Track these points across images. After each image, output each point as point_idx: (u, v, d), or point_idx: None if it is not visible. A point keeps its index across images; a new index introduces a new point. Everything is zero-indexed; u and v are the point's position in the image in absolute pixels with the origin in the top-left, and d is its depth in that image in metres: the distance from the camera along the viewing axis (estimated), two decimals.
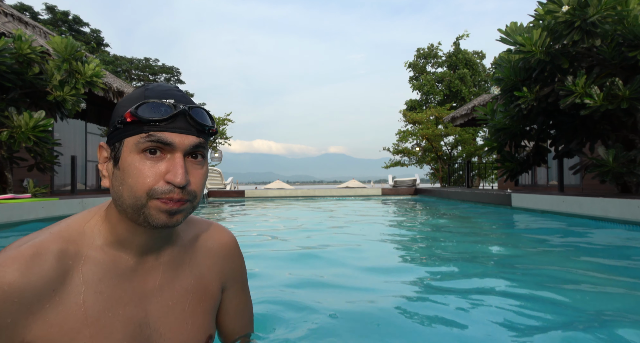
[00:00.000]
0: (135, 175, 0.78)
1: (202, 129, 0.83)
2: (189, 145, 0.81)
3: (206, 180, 0.87)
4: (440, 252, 3.91)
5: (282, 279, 2.88)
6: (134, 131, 0.79)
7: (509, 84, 7.49)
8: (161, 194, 0.78)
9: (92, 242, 0.83)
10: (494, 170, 17.96)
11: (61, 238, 0.80)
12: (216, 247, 1.04)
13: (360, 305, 2.26)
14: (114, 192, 0.81)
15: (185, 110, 0.81)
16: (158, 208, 0.79)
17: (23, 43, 6.58)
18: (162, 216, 0.79)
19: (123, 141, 0.81)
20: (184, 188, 0.79)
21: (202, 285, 0.96)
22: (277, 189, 18.63)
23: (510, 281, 2.79)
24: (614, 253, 3.79)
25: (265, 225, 6.38)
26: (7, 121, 6.24)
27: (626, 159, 6.19)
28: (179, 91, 0.86)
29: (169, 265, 0.91)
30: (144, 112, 0.79)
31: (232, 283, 1.07)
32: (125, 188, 0.79)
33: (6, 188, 6.91)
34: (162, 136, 0.78)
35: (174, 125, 0.80)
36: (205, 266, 0.99)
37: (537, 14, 6.60)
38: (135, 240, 0.85)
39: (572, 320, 1.98)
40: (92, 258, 0.81)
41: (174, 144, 0.79)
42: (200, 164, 0.84)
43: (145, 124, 0.79)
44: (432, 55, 30.38)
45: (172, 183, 0.78)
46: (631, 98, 5.84)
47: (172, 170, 0.78)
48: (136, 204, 0.79)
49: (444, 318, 2.04)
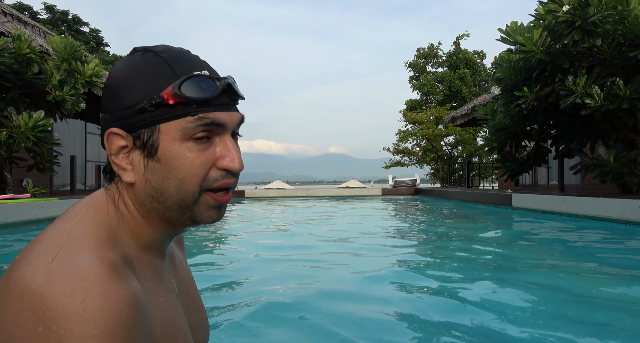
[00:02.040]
0: (188, 166, 0.66)
1: (239, 101, 0.74)
2: (237, 122, 0.71)
3: None
4: (440, 252, 3.90)
5: (282, 279, 2.87)
6: (176, 114, 0.66)
7: (509, 83, 7.48)
8: (214, 182, 0.68)
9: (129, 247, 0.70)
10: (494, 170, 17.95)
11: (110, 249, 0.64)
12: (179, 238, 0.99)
13: (360, 305, 2.25)
14: (152, 188, 0.68)
15: (229, 83, 0.69)
16: (208, 204, 0.70)
17: (22, 43, 6.57)
18: (212, 212, 0.71)
19: (158, 128, 0.67)
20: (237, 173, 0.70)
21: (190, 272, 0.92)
22: (277, 189, 18.63)
23: (510, 281, 2.77)
24: (614, 253, 3.78)
25: (265, 225, 6.36)
26: (7, 121, 6.23)
27: (627, 159, 6.18)
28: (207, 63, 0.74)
29: (171, 261, 0.84)
30: (191, 90, 0.65)
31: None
32: (172, 184, 0.67)
33: (5, 188, 6.90)
34: (215, 117, 0.67)
35: (222, 101, 0.69)
36: (182, 253, 0.94)
37: (537, 13, 6.59)
38: (159, 240, 0.74)
39: (572, 319, 1.96)
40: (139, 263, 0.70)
41: (226, 124, 0.68)
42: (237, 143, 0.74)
43: (191, 105, 0.66)
44: (432, 55, 30.37)
45: (229, 169, 0.68)
46: (632, 98, 5.83)
47: (227, 154, 0.68)
48: (186, 201, 0.68)
49: (444, 318, 2.03)
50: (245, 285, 2.68)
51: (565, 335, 1.78)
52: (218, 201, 0.70)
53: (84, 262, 0.57)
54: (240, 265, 3.37)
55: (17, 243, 4.42)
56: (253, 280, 2.82)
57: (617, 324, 1.92)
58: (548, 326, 1.89)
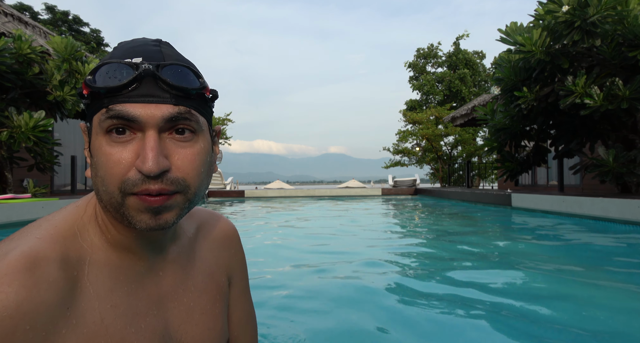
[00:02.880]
0: (104, 164, 0.61)
1: (182, 93, 0.62)
2: (161, 118, 0.60)
3: (206, 163, 0.67)
4: (439, 252, 3.91)
5: (282, 279, 2.88)
6: (96, 106, 0.62)
7: (509, 84, 7.49)
8: (133, 187, 0.60)
9: (90, 244, 0.66)
10: (494, 170, 17.96)
11: (56, 243, 0.62)
12: (220, 237, 0.88)
13: (360, 305, 2.26)
14: (94, 184, 0.64)
15: (149, 70, 0.60)
16: (137, 208, 0.61)
17: (23, 43, 6.58)
18: (144, 217, 0.62)
19: (92, 120, 0.63)
20: (162, 177, 0.60)
21: (213, 283, 0.82)
22: (277, 189, 18.64)
23: (510, 281, 2.79)
24: (614, 253, 3.79)
25: (265, 225, 6.37)
26: (7, 121, 6.24)
27: (626, 159, 6.19)
28: (157, 45, 0.66)
29: (178, 264, 0.76)
30: (99, 79, 0.60)
31: (237, 279, 0.91)
32: (98, 182, 0.62)
33: (6, 188, 6.91)
34: (122, 109, 0.59)
35: (140, 92, 0.60)
36: (212, 260, 0.84)
37: (537, 14, 6.60)
38: (135, 241, 0.69)
39: (572, 319, 1.97)
40: (96, 265, 0.65)
41: (139, 119, 0.59)
42: (188, 141, 0.64)
43: (104, 95, 0.60)
44: (432, 55, 30.38)
45: (141, 171, 0.59)
46: (631, 98, 5.84)
47: (141, 153, 0.60)
48: (111, 202, 0.62)
49: (444, 317, 2.04)
50: None
51: (565, 335, 1.79)
52: (144, 201, 0.61)
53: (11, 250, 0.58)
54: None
55: None
56: (251, 281, 2.83)
57: (617, 324, 1.93)
58: (547, 326, 1.90)
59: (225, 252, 0.88)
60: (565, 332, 1.82)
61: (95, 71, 0.61)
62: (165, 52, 0.65)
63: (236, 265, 0.91)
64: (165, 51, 0.65)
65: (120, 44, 0.66)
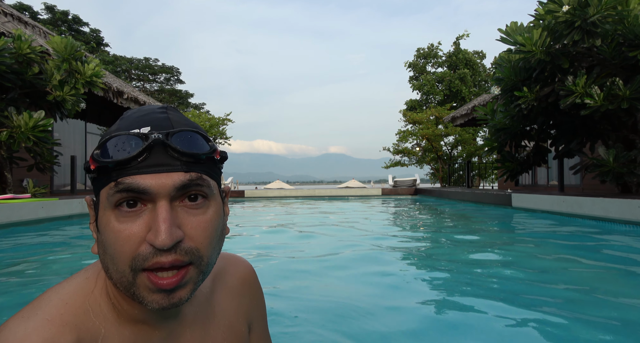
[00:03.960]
0: (113, 241, 0.58)
1: (193, 159, 0.61)
2: (172, 187, 0.59)
3: (218, 229, 0.65)
4: (439, 252, 3.90)
5: (282, 279, 2.87)
6: (105, 180, 0.60)
7: (509, 84, 7.48)
8: (144, 261, 0.58)
9: (103, 319, 0.64)
10: (494, 170, 17.96)
11: (67, 326, 0.59)
12: (238, 284, 0.86)
13: (360, 305, 2.25)
14: (102, 262, 0.63)
15: (159, 139, 0.59)
16: (148, 287, 0.59)
17: (23, 43, 6.58)
18: (157, 297, 0.59)
19: (99, 194, 0.61)
20: (175, 248, 0.58)
21: (233, 336, 0.79)
22: (277, 189, 18.63)
23: (510, 281, 2.78)
24: (614, 253, 3.79)
25: (265, 225, 6.37)
26: (7, 121, 6.24)
27: (626, 159, 6.18)
28: (164, 112, 0.65)
29: (196, 326, 0.74)
30: (107, 152, 0.59)
31: (257, 323, 0.89)
32: (107, 260, 0.60)
33: (6, 188, 6.90)
34: (132, 182, 0.57)
35: (149, 163, 0.59)
36: (231, 310, 0.81)
37: (537, 13, 6.59)
38: (148, 313, 0.66)
39: (572, 319, 1.97)
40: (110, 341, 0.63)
41: (150, 190, 0.58)
42: (200, 208, 0.62)
43: (112, 169, 0.58)
44: (432, 55, 30.39)
45: (153, 245, 0.57)
46: (631, 98, 5.83)
47: (153, 226, 0.58)
48: (122, 281, 0.60)
49: (443, 317, 2.04)
50: None
51: (564, 335, 1.79)
52: (156, 284, 0.58)
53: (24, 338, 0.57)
54: None
55: (18, 243, 4.43)
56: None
57: (616, 324, 1.93)
58: (547, 326, 1.90)
59: (244, 298, 0.86)
60: (565, 331, 1.82)
61: (103, 145, 0.60)
62: (173, 118, 0.64)
63: (255, 310, 0.89)
64: (173, 117, 0.64)
65: (126, 114, 0.65)
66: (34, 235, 4.89)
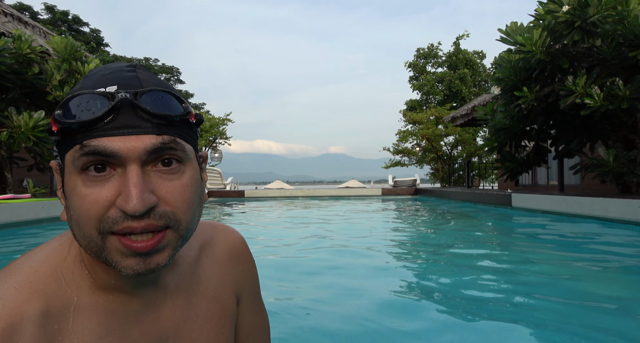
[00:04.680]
0: (79, 204, 0.54)
1: (165, 121, 0.57)
2: (143, 150, 0.55)
3: (196, 194, 0.61)
4: (439, 252, 3.91)
5: (282, 279, 2.87)
6: (69, 143, 0.56)
7: (509, 84, 7.49)
8: (113, 225, 0.54)
9: (76, 288, 0.60)
10: (494, 170, 17.96)
11: (36, 294, 0.56)
12: (225, 254, 0.82)
13: (359, 305, 2.26)
14: (71, 230, 0.59)
15: (127, 99, 0.54)
16: (120, 251, 0.55)
17: (23, 43, 6.58)
18: (131, 262, 0.55)
19: (65, 158, 0.57)
20: (149, 213, 0.54)
21: (219, 306, 0.76)
22: (277, 189, 18.64)
23: (510, 281, 2.78)
24: (614, 253, 3.79)
25: (265, 225, 6.37)
26: (7, 121, 6.24)
27: (626, 159, 6.18)
28: (133, 71, 0.60)
29: (178, 295, 0.70)
30: (69, 112, 0.54)
31: (247, 294, 0.86)
32: (74, 224, 0.56)
33: (6, 188, 6.91)
34: (98, 145, 0.53)
35: (117, 124, 0.54)
36: (217, 281, 0.78)
37: (537, 13, 6.60)
38: (125, 281, 0.63)
39: (572, 319, 1.97)
40: (83, 311, 0.60)
41: (119, 153, 0.54)
42: (175, 173, 0.58)
43: (77, 131, 0.54)
44: (432, 55, 30.40)
45: (124, 211, 0.53)
46: (631, 98, 5.84)
47: (123, 191, 0.54)
48: (91, 246, 0.56)
49: (443, 317, 2.04)
50: None
51: (564, 335, 1.79)
52: (130, 247, 0.54)
53: None
54: None
55: (17, 243, 4.43)
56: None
57: (616, 324, 1.93)
58: (547, 326, 1.90)
59: (233, 268, 0.82)
60: (565, 331, 1.82)
61: (65, 104, 0.55)
62: (142, 77, 0.59)
63: (245, 280, 0.85)
64: (142, 76, 0.60)
65: (91, 72, 0.60)
66: (34, 235, 4.89)
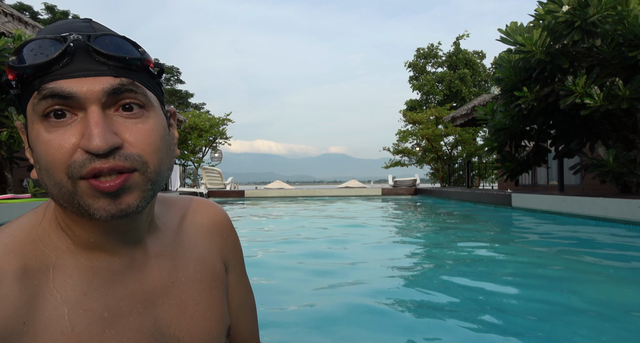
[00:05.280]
0: (44, 151, 0.55)
1: (122, 63, 0.57)
2: (102, 91, 0.55)
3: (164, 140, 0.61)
4: (440, 252, 3.91)
5: (282, 279, 2.88)
6: (27, 93, 0.56)
7: (509, 84, 7.49)
8: (80, 168, 0.54)
9: (54, 248, 0.61)
10: (494, 170, 17.96)
11: (12, 253, 0.57)
12: (209, 223, 0.82)
13: (359, 304, 2.26)
14: (41, 183, 0.58)
15: (80, 41, 0.54)
16: (90, 194, 0.55)
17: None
18: (102, 203, 0.55)
19: (26, 110, 0.57)
20: (113, 154, 0.55)
21: (208, 270, 0.76)
22: (277, 189, 18.64)
23: (509, 281, 2.78)
24: (614, 253, 3.79)
25: (265, 225, 6.37)
26: (7, 121, 6.25)
27: (626, 159, 6.19)
28: (87, 21, 0.60)
29: (163, 257, 0.71)
30: (23, 59, 0.54)
31: (234, 264, 0.86)
32: (43, 174, 0.56)
33: (6, 188, 6.91)
34: (55, 87, 0.53)
35: (73, 68, 0.54)
36: (203, 246, 0.78)
37: (537, 13, 6.60)
38: (104, 237, 0.63)
39: (571, 318, 1.97)
40: (63, 270, 0.59)
41: (77, 95, 0.54)
42: (138, 118, 0.58)
43: (33, 76, 0.54)
44: (432, 55, 30.39)
45: (88, 151, 0.53)
46: (631, 98, 5.84)
47: (85, 132, 0.54)
48: (62, 193, 0.56)
49: (443, 316, 2.04)
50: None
51: (563, 335, 1.79)
52: (97, 187, 0.54)
53: None
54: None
55: None
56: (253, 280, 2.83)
57: (616, 323, 1.93)
58: (546, 325, 1.90)
59: (217, 236, 0.82)
60: (565, 331, 1.82)
61: (19, 51, 0.55)
62: (96, 26, 0.60)
63: (230, 250, 0.85)
64: (96, 26, 0.60)
65: (46, 26, 0.61)
66: None
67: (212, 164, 21.46)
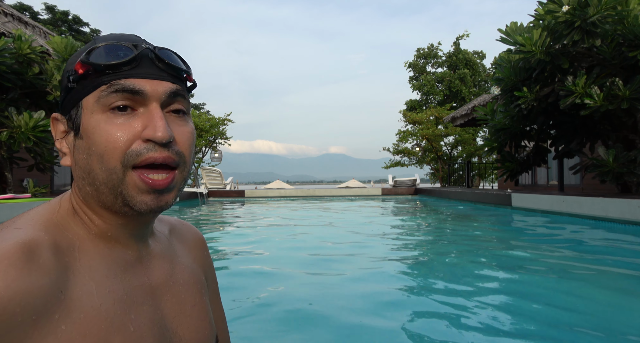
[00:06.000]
0: (104, 138, 0.61)
1: (176, 73, 0.67)
2: (164, 92, 0.64)
3: (194, 144, 0.70)
4: (440, 252, 3.91)
5: (282, 279, 2.88)
6: (92, 86, 0.63)
7: (509, 84, 7.49)
8: (138, 156, 0.60)
9: (75, 234, 0.64)
10: (494, 170, 17.96)
11: (42, 232, 0.60)
12: (192, 239, 0.89)
13: (359, 304, 2.26)
14: (81, 168, 0.64)
15: (149, 49, 0.65)
16: (138, 187, 0.62)
17: (23, 43, 6.58)
18: (146, 198, 0.62)
19: (81, 103, 0.64)
20: (169, 146, 0.62)
21: (197, 278, 0.81)
22: (277, 189, 18.64)
23: (509, 281, 2.79)
24: (613, 253, 3.79)
25: (265, 225, 6.37)
26: (7, 121, 6.24)
27: (626, 159, 6.19)
28: (138, 36, 0.70)
29: (163, 258, 0.75)
30: (98, 57, 0.62)
31: (211, 281, 0.91)
32: (94, 160, 0.61)
33: (6, 188, 6.91)
34: (128, 83, 0.62)
35: (140, 71, 0.63)
36: (189, 258, 0.84)
37: (537, 14, 6.60)
38: (120, 230, 0.67)
39: (571, 318, 1.97)
40: (86, 253, 0.63)
41: (145, 92, 0.62)
42: (183, 120, 0.67)
43: (102, 72, 0.62)
44: (432, 55, 30.38)
45: (152, 139, 0.61)
46: (631, 98, 5.84)
47: (149, 123, 0.62)
48: (111, 179, 0.61)
49: (443, 317, 2.04)
50: (245, 285, 2.69)
51: (564, 334, 1.79)
52: (147, 183, 0.62)
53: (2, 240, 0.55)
54: (239, 265, 3.38)
55: None
56: (251, 281, 2.83)
57: (616, 323, 1.93)
58: (546, 325, 1.90)
59: (200, 252, 0.89)
60: (564, 331, 1.82)
61: (91, 51, 0.63)
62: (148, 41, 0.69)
63: (208, 267, 0.91)
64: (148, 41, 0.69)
65: (104, 35, 0.69)
66: None
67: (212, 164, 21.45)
